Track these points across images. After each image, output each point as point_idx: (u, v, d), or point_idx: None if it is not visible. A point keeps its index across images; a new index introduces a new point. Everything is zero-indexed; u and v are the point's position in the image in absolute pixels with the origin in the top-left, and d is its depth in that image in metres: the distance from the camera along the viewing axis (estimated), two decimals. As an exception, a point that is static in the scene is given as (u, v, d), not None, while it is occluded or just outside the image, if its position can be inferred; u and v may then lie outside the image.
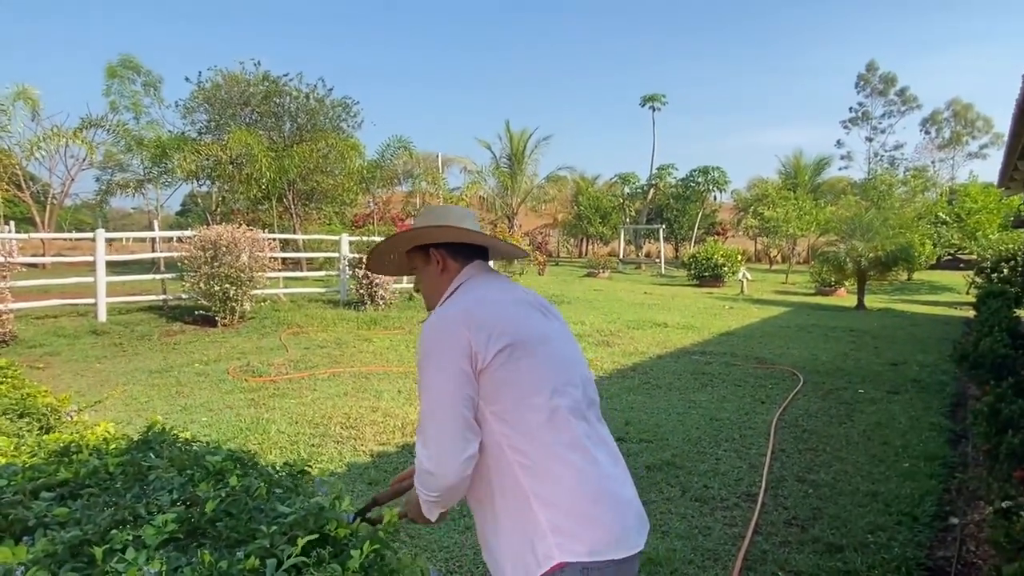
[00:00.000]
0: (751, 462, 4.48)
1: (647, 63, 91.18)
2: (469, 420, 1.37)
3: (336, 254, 13.26)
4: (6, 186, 17.08)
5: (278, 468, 1.81)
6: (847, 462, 4.51)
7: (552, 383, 1.41)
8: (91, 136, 17.36)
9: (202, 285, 9.74)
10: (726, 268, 20.73)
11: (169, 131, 18.46)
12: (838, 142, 48.32)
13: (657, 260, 29.01)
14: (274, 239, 11.48)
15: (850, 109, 46.88)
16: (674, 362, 8.07)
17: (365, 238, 12.81)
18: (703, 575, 2.95)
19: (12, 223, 20.82)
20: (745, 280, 19.00)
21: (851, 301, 16.04)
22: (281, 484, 1.69)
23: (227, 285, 9.77)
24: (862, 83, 46.23)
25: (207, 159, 15.80)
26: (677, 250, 35.59)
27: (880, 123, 46.04)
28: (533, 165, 31.74)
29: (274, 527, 1.43)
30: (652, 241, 35.71)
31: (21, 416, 2.47)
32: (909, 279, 22.23)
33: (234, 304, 9.99)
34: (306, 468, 1.84)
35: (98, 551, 1.31)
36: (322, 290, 13.36)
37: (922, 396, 6.43)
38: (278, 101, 17.64)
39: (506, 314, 1.45)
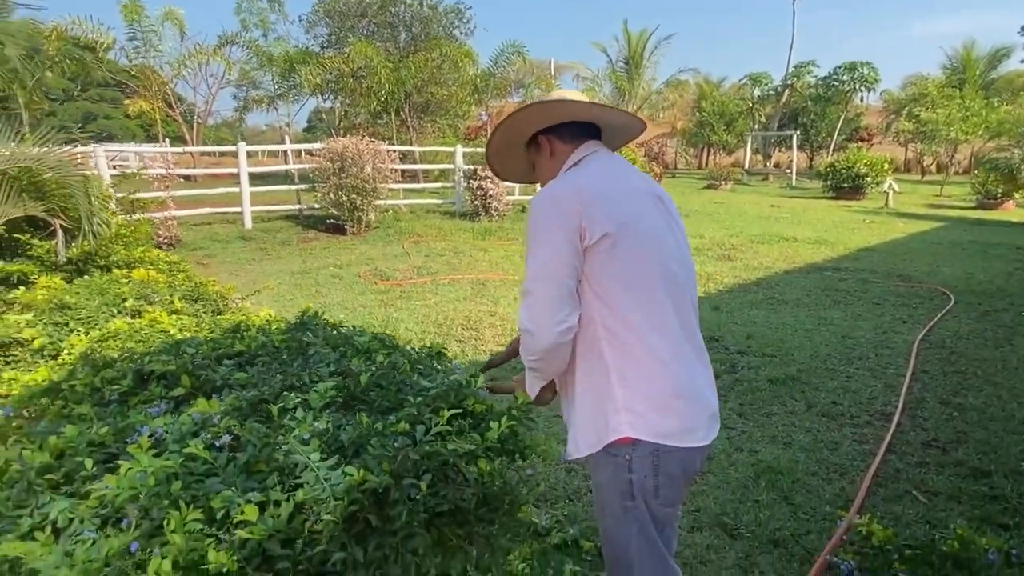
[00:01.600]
0: (887, 382, 4.20)
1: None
2: (571, 289, 1.40)
3: (451, 166, 13.48)
4: (160, 104, 18.75)
5: (417, 350, 1.95)
6: (1001, 387, 4.10)
7: (652, 275, 1.41)
8: (227, 53, 18.46)
9: (331, 195, 10.36)
10: (869, 179, 18.69)
11: (295, 46, 19.15)
12: (1023, 28, 40.61)
13: (787, 171, 26.74)
14: (394, 151, 11.85)
15: (1045, -15, 38.86)
16: (803, 278, 7.59)
17: (479, 149, 12.85)
18: (828, 487, 2.88)
19: (167, 140, 23.00)
20: (891, 192, 17.10)
21: (1020, 216, 14.05)
22: (422, 363, 1.82)
23: (353, 195, 10.31)
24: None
25: (330, 73, 16.33)
26: (811, 159, 32.57)
27: (1084, 1, 37.89)
28: (652, 68, 29.72)
29: (419, 399, 1.55)
30: (783, 150, 32.86)
31: (196, 301, 2.83)
32: (1101, 191, 18.98)
33: (360, 213, 10.56)
34: (442, 351, 1.96)
35: (274, 408, 1.50)
36: (438, 202, 13.74)
37: (1104, 322, 5.62)
38: (393, 11, 17.64)
39: (619, 199, 1.43)
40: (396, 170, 11.76)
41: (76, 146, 3.87)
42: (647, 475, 1.38)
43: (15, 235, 3.65)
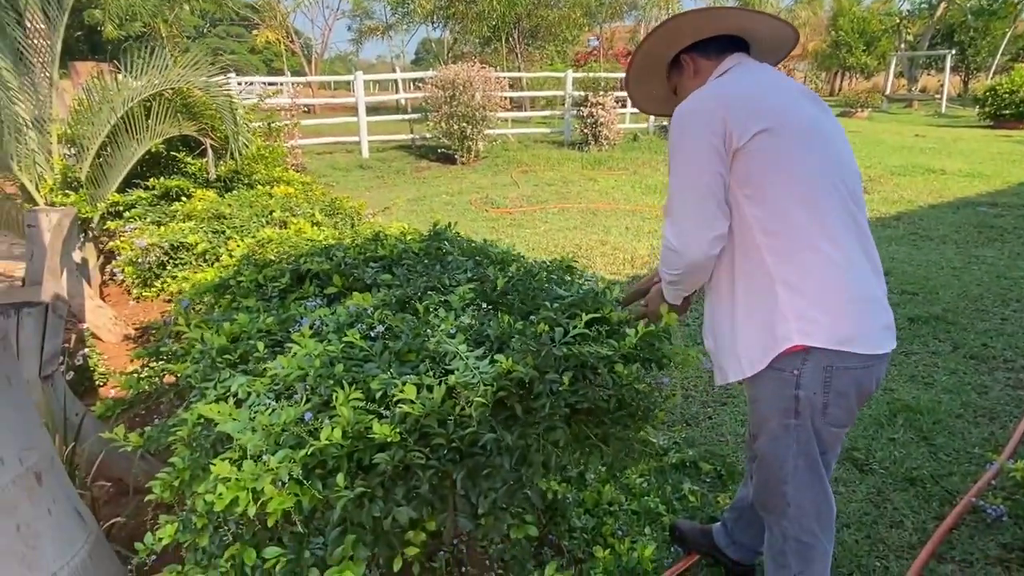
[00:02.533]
0: (1051, 327, 3.75)
1: None
2: (719, 198, 1.33)
3: (560, 92, 13.12)
4: (283, 35, 19.53)
5: (548, 262, 1.96)
6: None
7: (814, 171, 1.31)
8: (343, -19, 18.76)
9: (443, 124, 10.47)
10: (1038, 104, 16.16)
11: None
12: None
13: (937, 96, 23.66)
14: (503, 77, 11.69)
15: None
16: (952, 213, 6.82)
17: (591, 74, 12.36)
18: (974, 430, 2.66)
19: (288, 73, 24.05)
20: (1066, 119, 14.72)
21: None
22: (555, 273, 1.83)
23: (464, 124, 10.36)
24: None
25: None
26: (966, 83, 28.60)
27: None
28: (782, -18, 26.87)
29: (556, 304, 1.57)
30: (932, 73, 29.05)
31: (333, 214, 3.00)
32: None
33: (470, 143, 10.63)
34: (572, 264, 1.95)
35: (420, 306, 1.58)
36: (546, 131, 13.51)
37: None
38: (505, -71, 16.96)
39: (770, 97, 1.34)
40: (505, 98, 11.64)
41: (215, 73, 4.12)
42: (816, 391, 1.29)
43: (172, 153, 4.01)
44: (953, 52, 25.10)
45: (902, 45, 28.62)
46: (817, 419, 1.33)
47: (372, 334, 1.49)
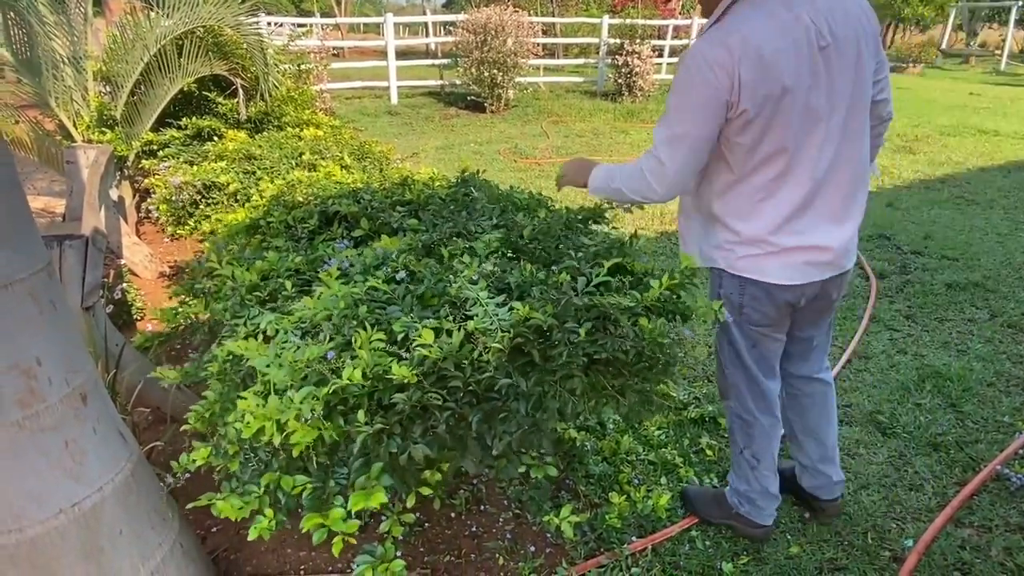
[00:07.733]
0: (1098, 298, 3.61)
1: None
2: (702, 158, 1.45)
3: (595, 40, 12.68)
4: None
5: (575, 210, 1.94)
6: None
7: (792, 147, 1.38)
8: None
9: (473, 71, 10.24)
10: (1110, 62, 15.07)
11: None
12: None
13: (997, 52, 22.24)
14: (536, 22, 11.33)
15: None
16: (1002, 177, 6.50)
17: (628, 21, 11.89)
18: (1006, 399, 2.61)
19: (317, 13, 23.63)
20: None
21: None
22: (582, 222, 1.81)
23: (494, 71, 10.12)
24: None
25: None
26: (1031, 38, 26.73)
27: None
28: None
29: (580, 253, 1.56)
30: (993, 27, 27.21)
31: (362, 159, 2.99)
32: None
33: (500, 91, 10.40)
34: (601, 213, 1.93)
35: (445, 251, 1.58)
36: (579, 80, 13.13)
37: None
38: None
39: (780, 67, 1.31)
40: (538, 44, 11.30)
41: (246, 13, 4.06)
42: (733, 292, 1.58)
43: (204, 93, 4.01)
44: (1020, 3, 23.40)
45: (965, -5, 26.76)
46: (735, 316, 1.60)
47: (396, 278, 1.51)
